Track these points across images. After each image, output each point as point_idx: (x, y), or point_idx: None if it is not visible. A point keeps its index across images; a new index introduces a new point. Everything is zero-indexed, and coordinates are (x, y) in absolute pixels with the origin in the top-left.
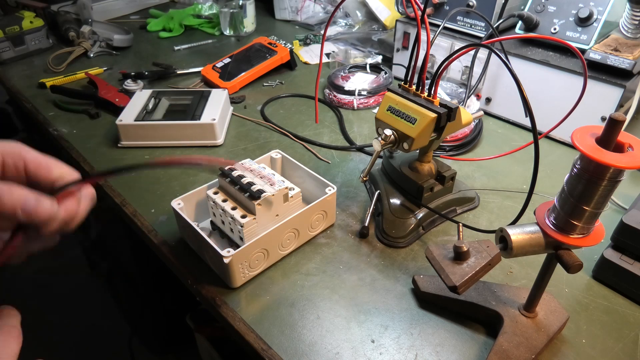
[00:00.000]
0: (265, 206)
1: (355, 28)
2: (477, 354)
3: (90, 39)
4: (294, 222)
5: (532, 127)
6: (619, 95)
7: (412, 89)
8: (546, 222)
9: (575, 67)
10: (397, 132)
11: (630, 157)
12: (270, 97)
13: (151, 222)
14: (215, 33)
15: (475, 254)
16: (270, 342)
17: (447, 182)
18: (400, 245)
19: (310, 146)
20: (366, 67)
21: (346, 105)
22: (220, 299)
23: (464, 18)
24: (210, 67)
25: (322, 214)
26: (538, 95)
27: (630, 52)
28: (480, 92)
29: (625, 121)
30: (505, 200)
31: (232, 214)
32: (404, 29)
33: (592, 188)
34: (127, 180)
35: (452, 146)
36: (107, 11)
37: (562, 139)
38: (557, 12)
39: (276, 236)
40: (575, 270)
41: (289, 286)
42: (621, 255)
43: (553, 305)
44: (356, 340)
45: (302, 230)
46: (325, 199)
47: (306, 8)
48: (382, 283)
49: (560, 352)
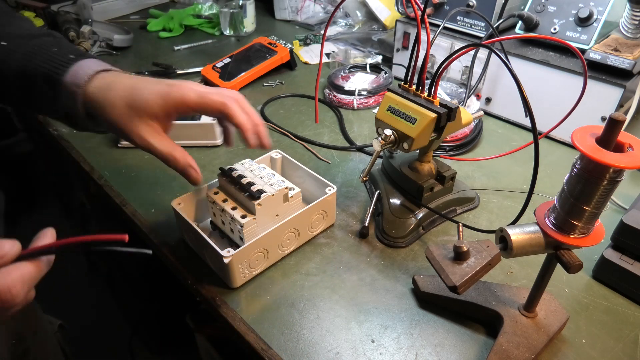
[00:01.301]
0: (265, 206)
1: (355, 28)
2: (477, 354)
3: (90, 39)
4: (294, 222)
5: (532, 127)
6: (619, 95)
7: (412, 89)
8: (546, 222)
9: (575, 67)
10: (397, 132)
11: (630, 157)
12: (270, 97)
13: (151, 222)
14: (215, 33)
15: (475, 254)
16: (270, 342)
17: (447, 182)
18: (400, 245)
19: (310, 146)
20: (366, 67)
21: (346, 105)
22: (220, 299)
23: (464, 18)
24: (210, 67)
25: (322, 214)
26: (538, 95)
27: (630, 52)
28: (480, 92)
29: (625, 121)
30: (505, 200)
31: (232, 214)
32: (404, 29)
33: (592, 188)
34: (127, 180)
35: (452, 146)
36: (107, 11)
37: (562, 139)
38: (557, 12)
39: (276, 236)
40: (575, 270)
41: (289, 286)
42: (621, 255)
43: (553, 305)
44: (356, 340)
45: (302, 230)
46: (325, 199)
47: (306, 8)
48: (382, 283)
49: (560, 352)
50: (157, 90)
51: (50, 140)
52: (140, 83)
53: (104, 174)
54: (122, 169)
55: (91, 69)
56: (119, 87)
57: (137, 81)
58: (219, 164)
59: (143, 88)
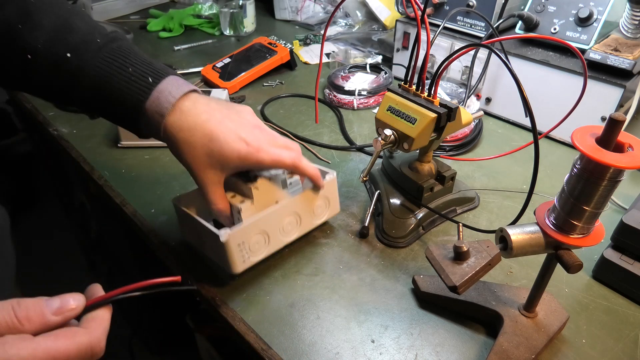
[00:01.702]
0: (263, 190)
1: (355, 28)
2: (477, 354)
3: None
4: (294, 205)
5: (532, 127)
6: (619, 95)
7: (412, 89)
8: (546, 222)
9: (575, 67)
10: (397, 132)
11: (630, 157)
12: (270, 97)
13: (151, 222)
14: (215, 33)
15: (475, 254)
16: (270, 342)
17: (447, 182)
18: (400, 245)
19: (310, 146)
20: (366, 67)
21: (346, 105)
22: (220, 298)
23: (464, 18)
24: (210, 67)
25: (324, 200)
26: (538, 95)
27: (630, 52)
28: (480, 92)
29: (625, 121)
30: (505, 200)
31: (230, 201)
32: (404, 29)
33: (592, 188)
34: (127, 180)
35: (452, 146)
36: (107, 11)
37: (562, 139)
38: (557, 12)
39: (276, 219)
40: (575, 270)
41: (289, 286)
42: (621, 255)
43: (553, 305)
44: (356, 340)
45: (305, 217)
46: (326, 184)
47: (306, 8)
48: (382, 283)
49: (560, 352)
50: (237, 151)
51: (50, 140)
52: (220, 132)
53: (104, 174)
54: (122, 169)
55: (172, 95)
56: (199, 131)
57: (217, 127)
58: None
59: (224, 142)
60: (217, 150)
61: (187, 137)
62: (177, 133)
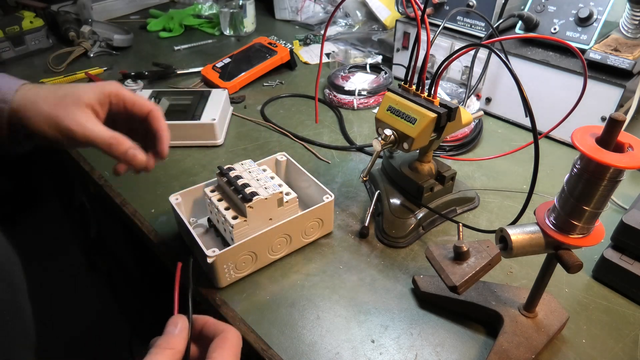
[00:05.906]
0: (258, 209)
1: (355, 28)
2: (477, 354)
3: (90, 39)
4: (285, 228)
5: (532, 127)
6: (619, 95)
7: (412, 89)
8: (546, 222)
9: (575, 67)
10: (397, 132)
11: (630, 157)
12: (270, 97)
13: (151, 222)
14: (215, 33)
15: (475, 254)
16: (270, 342)
17: (447, 182)
18: (400, 245)
19: (310, 146)
20: (366, 67)
21: (346, 105)
22: (220, 299)
23: (464, 18)
24: (210, 67)
25: (317, 221)
26: (538, 95)
27: (630, 52)
28: (480, 92)
29: (625, 121)
30: (505, 200)
31: (224, 214)
32: (404, 29)
33: (592, 188)
34: (127, 180)
35: (452, 146)
36: (107, 11)
37: (562, 139)
38: (557, 12)
39: (266, 240)
40: (575, 270)
41: (289, 286)
42: (621, 255)
43: (553, 305)
44: (356, 340)
45: (295, 237)
46: (321, 206)
47: (306, 8)
48: (382, 283)
49: (560, 352)
50: (91, 85)
51: None
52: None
53: (104, 174)
54: None
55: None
56: (49, 86)
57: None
58: (218, 163)
59: (74, 85)
60: (71, 89)
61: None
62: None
